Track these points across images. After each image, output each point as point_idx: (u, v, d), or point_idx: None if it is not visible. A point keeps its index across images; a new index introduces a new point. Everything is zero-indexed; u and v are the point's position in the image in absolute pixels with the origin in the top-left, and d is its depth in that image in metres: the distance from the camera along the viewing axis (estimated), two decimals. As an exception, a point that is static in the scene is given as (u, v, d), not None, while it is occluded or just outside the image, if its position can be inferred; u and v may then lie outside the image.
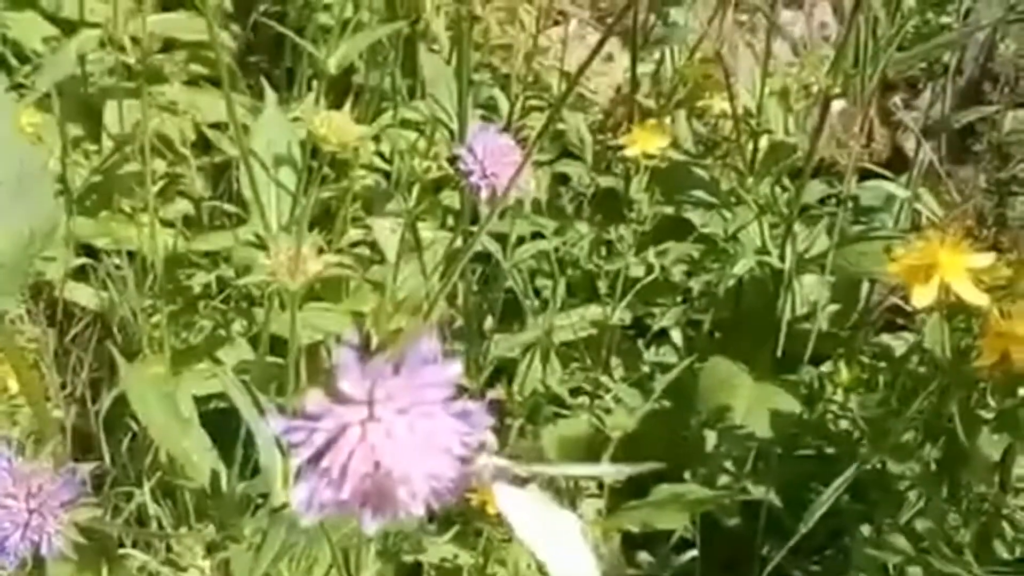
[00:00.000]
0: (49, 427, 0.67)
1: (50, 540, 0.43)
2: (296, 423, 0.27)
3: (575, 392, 1.01)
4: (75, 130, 1.42)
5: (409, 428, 0.27)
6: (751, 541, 1.14)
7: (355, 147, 1.06)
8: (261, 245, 1.03)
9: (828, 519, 1.08)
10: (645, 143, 0.98)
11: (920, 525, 0.86)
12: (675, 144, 1.24)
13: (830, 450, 1.19)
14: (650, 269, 1.05)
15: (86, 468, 0.47)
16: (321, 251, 0.63)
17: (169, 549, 0.69)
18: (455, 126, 0.95)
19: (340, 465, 0.26)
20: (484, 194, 0.67)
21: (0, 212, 0.64)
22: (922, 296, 0.78)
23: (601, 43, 0.54)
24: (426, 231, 1.31)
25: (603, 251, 1.14)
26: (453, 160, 0.66)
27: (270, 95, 1.10)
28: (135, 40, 1.42)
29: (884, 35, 1.02)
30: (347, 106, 0.76)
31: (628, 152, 1.00)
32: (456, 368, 0.28)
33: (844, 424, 1.25)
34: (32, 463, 0.44)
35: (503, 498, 0.29)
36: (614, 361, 1.08)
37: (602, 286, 1.14)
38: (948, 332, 0.80)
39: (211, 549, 0.71)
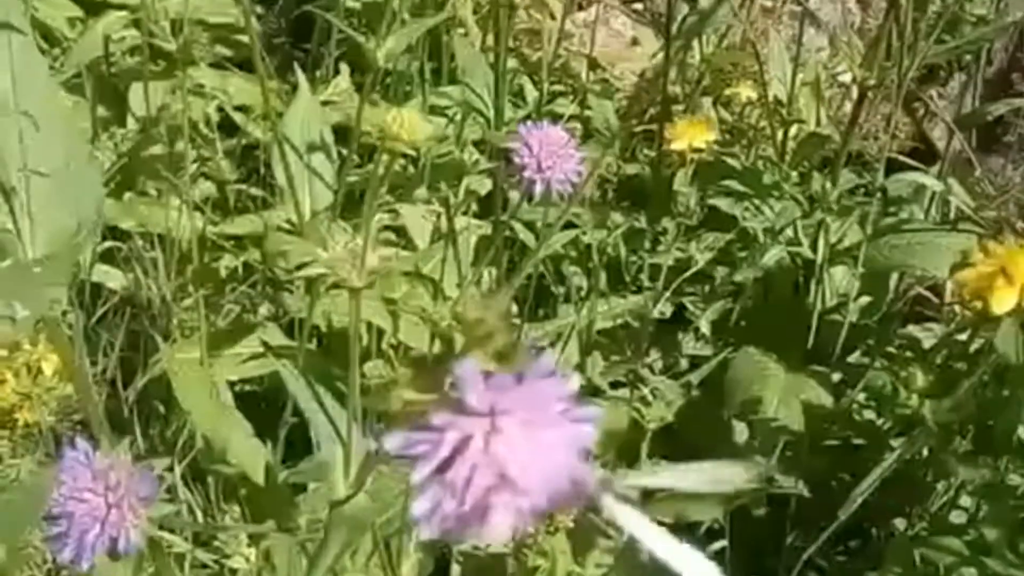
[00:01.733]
0: (95, 416, 0.67)
1: (128, 536, 0.42)
2: (418, 436, 0.27)
3: (614, 385, 1.01)
4: (100, 111, 1.42)
5: (531, 440, 0.27)
6: (779, 530, 1.15)
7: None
8: (294, 230, 1.03)
9: (854, 510, 1.08)
10: (693, 136, 0.98)
11: (989, 534, 0.85)
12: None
13: (858, 441, 1.20)
14: (687, 262, 1.05)
15: (162, 463, 0.46)
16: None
17: (213, 537, 0.69)
18: (491, 114, 0.95)
19: (463, 477, 0.26)
20: (538, 188, 0.66)
21: (47, 203, 0.64)
22: (1002, 302, 0.77)
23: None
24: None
25: (638, 241, 1.14)
26: (505, 154, 0.66)
27: (303, 80, 1.10)
28: (158, 22, 1.41)
29: (921, 26, 1.01)
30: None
31: (675, 146, 0.99)
32: (575, 381, 0.27)
33: (868, 415, 1.25)
34: (110, 457, 0.44)
35: (611, 505, 0.29)
36: (653, 353, 1.08)
37: (633, 276, 1.14)
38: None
39: (253, 538, 0.71)
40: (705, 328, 1.15)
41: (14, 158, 0.64)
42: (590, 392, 0.99)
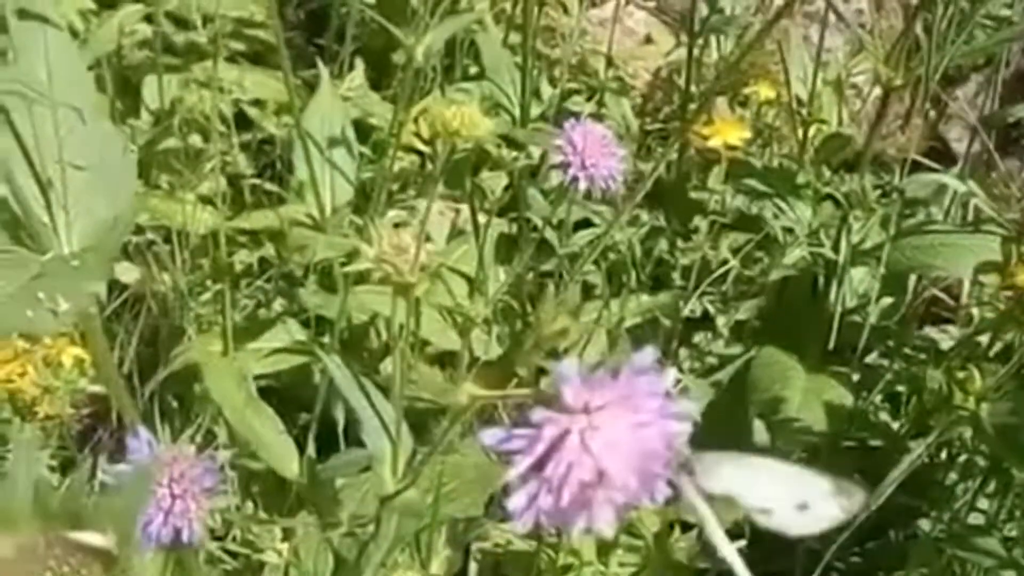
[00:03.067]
0: (129, 410, 0.67)
1: (192, 527, 0.42)
2: (515, 431, 0.27)
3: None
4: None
5: (627, 436, 0.26)
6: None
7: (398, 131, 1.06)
8: (315, 226, 1.03)
9: (870, 512, 1.08)
10: (727, 134, 0.98)
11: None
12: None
13: (875, 442, 1.19)
14: (707, 261, 1.04)
15: (225, 455, 0.46)
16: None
17: (247, 530, 0.69)
18: (516, 111, 0.95)
19: (561, 473, 0.26)
20: (582, 185, 0.66)
21: (85, 198, 0.64)
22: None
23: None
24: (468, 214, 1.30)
25: (656, 240, 1.13)
26: (543, 150, 0.65)
27: (325, 75, 1.09)
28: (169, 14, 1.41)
29: (947, 27, 1.01)
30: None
31: (711, 143, 0.99)
32: (669, 378, 0.27)
33: (884, 416, 1.25)
34: (174, 448, 0.44)
35: (690, 494, 0.29)
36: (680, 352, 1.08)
37: (651, 275, 1.13)
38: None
39: (286, 533, 0.71)
40: (723, 328, 1.15)
41: (51, 151, 0.63)
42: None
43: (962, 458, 1.07)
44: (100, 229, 0.63)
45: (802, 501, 0.31)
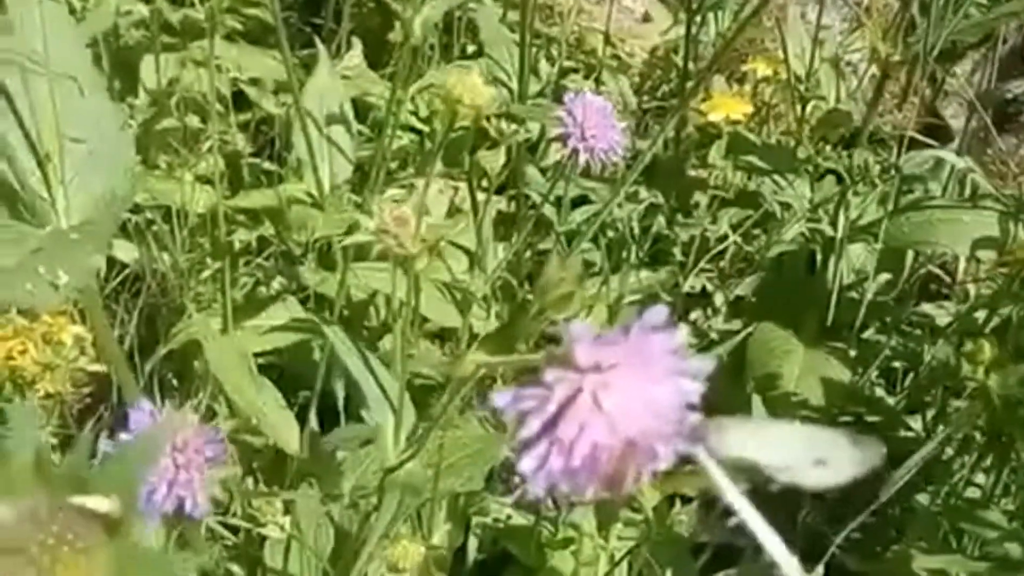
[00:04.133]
0: (131, 386, 0.67)
1: (195, 498, 0.42)
2: (526, 392, 0.27)
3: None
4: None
5: (639, 395, 0.26)
6: (793, 506, 1.15)
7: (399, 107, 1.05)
8: (315, 203, 1.02)
9: (866, 486, 1.09)
10: (728, 108, 0.98)
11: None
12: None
13: (871, 418, 1.20)
14: (714, 239, 1.04)
15: (229, 425, 0.46)
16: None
17: (248, 505, 0.69)
18: (514, 86, 0.94)
19: (573, 432, 0.26)
20: (583, 157, 0.66)
21: (82, 173, 0.63)
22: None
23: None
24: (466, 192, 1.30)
25: (652, 216, 1.13)
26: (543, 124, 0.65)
27: (323, 53, 1.09)
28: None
29: (944, 3, 1.01)
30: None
31: (712, 118, 0.99)
32: (682, 335, 0.27)
33: (880, 391, 1.25)
34: (177, 417, 0.44)
35: (704, 459, 0.29)
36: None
37: (648, 251, 1.13)
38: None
39: (287, 507, 0.71)
40: (721, 305, 1.15)
41: (48, 123, 0.63)
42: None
43: (960, 433, 1.07)
44: (98, 204, 0.63)
45: (819, 457, 0.31)
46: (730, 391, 1.04)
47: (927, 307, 1.29)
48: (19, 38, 0.63)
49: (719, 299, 1.18)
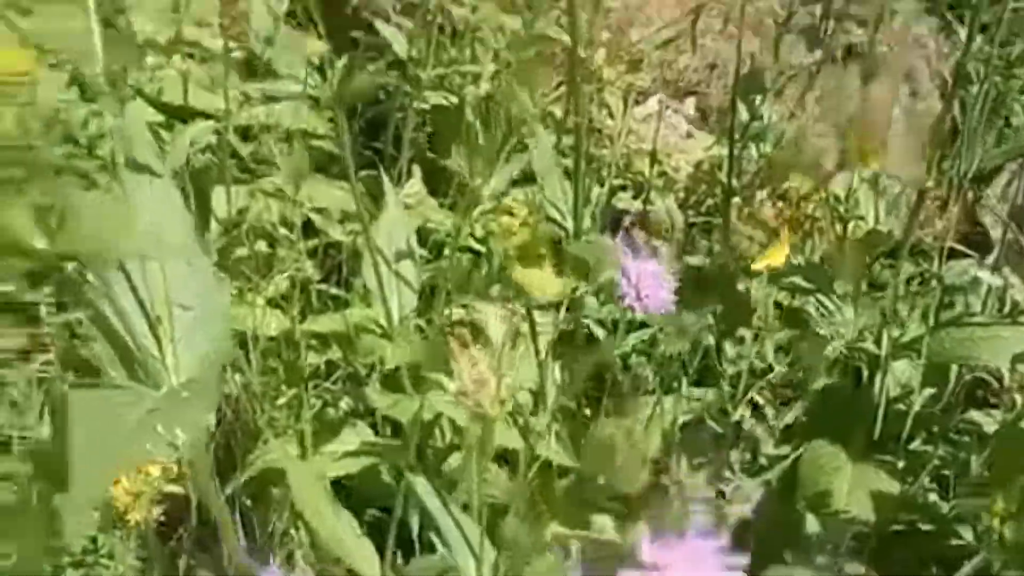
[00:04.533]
0: (228, 529, 0.73)
1: None
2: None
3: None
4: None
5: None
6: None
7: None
8: (384, 333, 1.10)
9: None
10: (772, 258, 1.04)
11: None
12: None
13: (925, 527, 1.23)
14: (762, 368, 1.10)
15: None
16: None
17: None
18: (568, 224, 1.02)
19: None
20: (638, 313, 0.73)
21: (188, 335, 0.71)
22: None
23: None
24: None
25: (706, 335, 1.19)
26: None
27: (388, 188, 1.17)
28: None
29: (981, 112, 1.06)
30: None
31: (755, 266, 1.05)
32: (726, 537, 0.33)
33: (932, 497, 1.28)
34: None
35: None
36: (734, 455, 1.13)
37: (698, 371, 1.19)
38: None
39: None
40: (767, 435, 1.20)
41: (159, 290, 0.71)
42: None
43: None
44: (203, 362, 0.70)
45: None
46: (781, 511, 1.08)
47: (975, 414, 1.33)
48: (135, 215, 0.71)
49: (765, 431, 1.22)
